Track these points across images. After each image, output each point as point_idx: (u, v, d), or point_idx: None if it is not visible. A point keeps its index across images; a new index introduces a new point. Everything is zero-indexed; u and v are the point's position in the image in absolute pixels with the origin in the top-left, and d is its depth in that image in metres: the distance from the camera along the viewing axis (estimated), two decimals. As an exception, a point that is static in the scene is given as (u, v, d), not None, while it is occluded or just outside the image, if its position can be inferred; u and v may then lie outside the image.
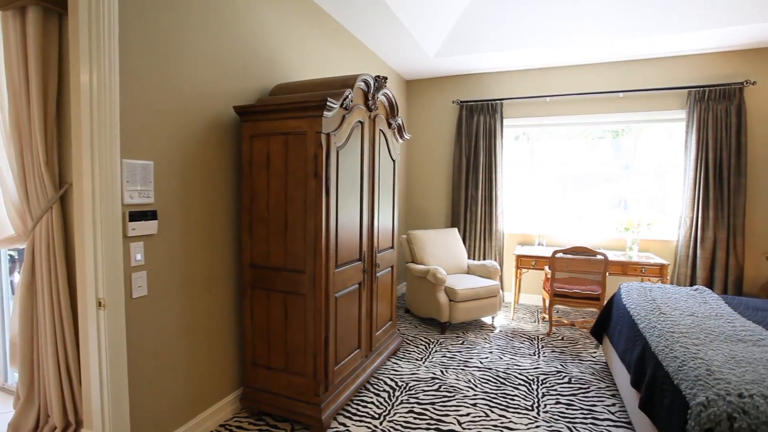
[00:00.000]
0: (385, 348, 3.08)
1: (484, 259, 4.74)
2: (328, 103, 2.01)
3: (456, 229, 4.50)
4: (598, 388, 2.78)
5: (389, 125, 2.96)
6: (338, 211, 2.28)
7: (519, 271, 4.18)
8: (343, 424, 2.34)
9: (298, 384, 2.26)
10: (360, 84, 2.41)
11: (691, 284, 4.08)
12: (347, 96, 2.18)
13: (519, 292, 4.53)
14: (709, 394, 1.46)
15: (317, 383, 2.22)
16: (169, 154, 1.96)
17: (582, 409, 2.52)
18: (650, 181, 4.45)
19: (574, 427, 2.33)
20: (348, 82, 2.29)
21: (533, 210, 4.86)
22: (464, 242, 4.78)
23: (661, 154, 4.40)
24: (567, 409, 2.52)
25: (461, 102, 4.79)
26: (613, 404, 2.57)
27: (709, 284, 4.02)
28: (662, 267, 3.75)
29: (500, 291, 3.99)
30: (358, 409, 2.50)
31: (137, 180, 1.80)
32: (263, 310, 2.33)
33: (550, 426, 2.34)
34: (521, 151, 4.89)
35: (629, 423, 2.36)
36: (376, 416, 2.43)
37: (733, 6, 3.37)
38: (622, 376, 2.47)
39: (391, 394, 2.68)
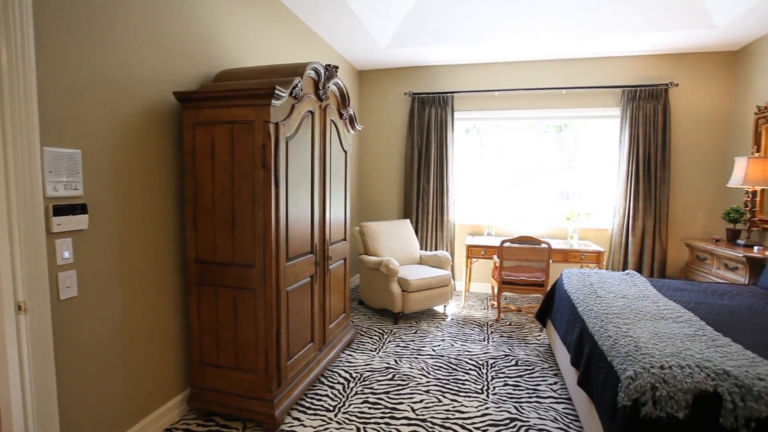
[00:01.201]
0: (339, 340, 3.07)
1: (436, 249, 4.85)
2: (276, 92, 1.95)
3: (408, 221, 4.56)
4: (542, 368, 2.94)
5: (341, 116, 2.92)
6: (288, 203, 2.23)
7: (469, 260, 4.32)
8: (298, 419, 2.31)
9: (249, 381, 2.20)
10: (310, 72, 2.35)
11: (624, 269, 4.41)
12: (296, 84, 2.12)
13: (470, 280, 4.67)
14: (636, 367, 1.59)
15: (269, 379, 2.17)
16: (100, 142, 1.81)
17: (527, 389, 2.66)
18: (589, 173, 4.74)
19: (521, 406, 2.45)
20: (297, 70, 2.23)
21: (483, 201, 5.02)
22: (416, 233, 4.85)
23: (599, 149, 4.69)
24: (514, 390, 2.65)
25: (413, 94, 4.83)
26: (555, 382, 2.73)
27: (639, 268, 4.36)
28: (599, 254, 4.02)
29: (452, 280, 4.10)
30: (312, 403, 2.48)
31: (62, 170, 1.64)
32: (211, 307, 2.23)
33: (499, 407, 2.45)
34: (472, 144, 5.03)
35: (569, 399, 2.53)
36: (331, 408, 2.42)
37: (657, 14, 3.64)
38: (563, 356, 2.63)
39: (346, 386, 2.68)
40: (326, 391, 2.62)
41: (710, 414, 1.44)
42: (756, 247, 3.39)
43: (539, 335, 3.57)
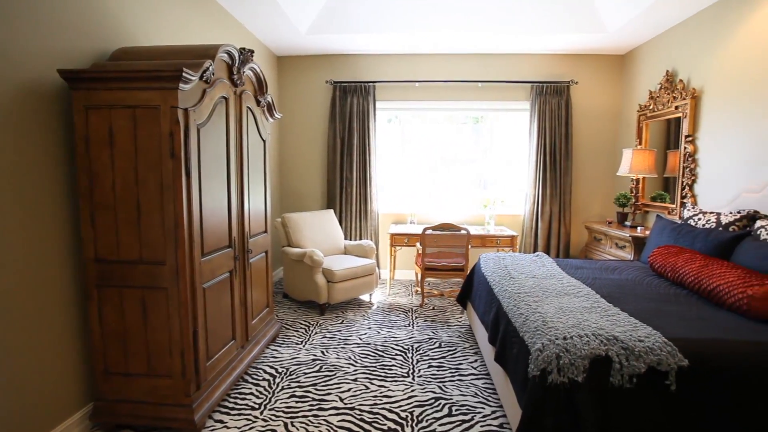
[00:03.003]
0: (263, 336, 2.97)
1: (361, 239, 4.88)
2: (184, 74, 1.79)
3: (332, 211, 4.52)
4: (464, 348, 3.11)
5: (258, 103, 2.78)
6: (202, 195, 2.08)
7: (393, 248, 4.41)
8: (220, 421, 2.20)
9: (164, 387, 2.04)
10: (223, 55, 2.20)
11: (534, 251, 4.82)
12: (208, 68, 1.97)
13: (394, 268, 4.78)
14: (543, 340, 1.74)
15: (187, 383, 2.03)
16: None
17: (450, 368, 2.80)
18: (504, 163, 5.07)
19: (444, 386, 2.58)
20: (209, 52, 2.07)
21: (406, 190, 5.14)
22: (340, 223, 4.83)
23: (511, 140, 5.03)
24: (438, 370, 2.77)
25: (335, 82, 4.76)
26: (476, 360, 2.91)
27: (547, 250, 4.79)
28: (512, 238, 4.33)
29: (376, 269, 4.16)
30: (236, 403, 2.37)
31: None
32: (115, 311, 2.02)
33: (424, 388, 2.55)
34: (394, 134, 5.11)
35: (488, 375, 2.71)
36: (256, 407, 2.34)
37: (559, 17, 3.97)
38: (481, 335, 2.80)
39: (272, 382, 2.61)
40: (251, 389, 2.53)
41: (603, 375, 1.63)
42: (639, 228, 3.89)
43: (461, 317, 3.77)
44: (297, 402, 2.39)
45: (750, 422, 1.62)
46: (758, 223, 2.55)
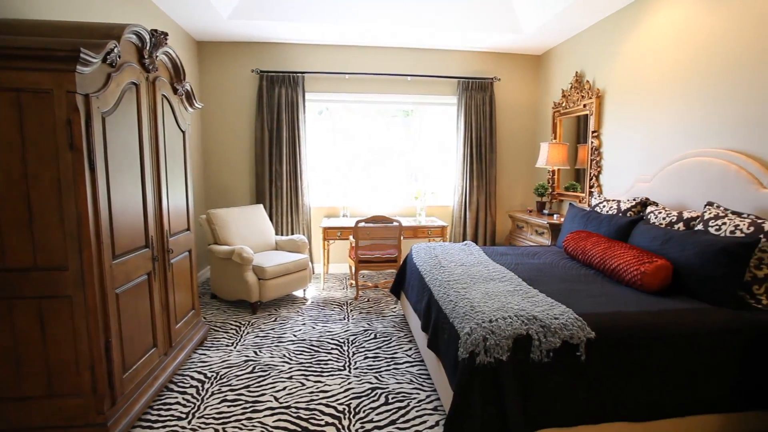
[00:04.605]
0: (189, 340, 2.79)
1: (292, 233, 4.76)
2: (83, 55, 1.60)
3: (261, 206, 4.35)
4: (398, 338, 3.17)
5: (175, 91, 2.58)
6: (111, 191, 1.89)
7: (326, 242, 4.36)
8: (140, 437, 2.03)
9: (72, 407, 1.84)
10: (130, 36, 2.00)
11: (463, 240, 5.03)
12: (112, 49, 1.78)
13: (328, 262, 4.74)
14: (471, 324, 1.83)
15: (100, 399, 1.85)
16: None
17: (386, 358, 2.84)
18: (434, 155, 5.22)
19: (380, 375, 2.61)
20: (113, 32, 1.86)
21: (338, 183, 5.09)
22: (271, 218, 4.67)
23: (440, 133, 5.18)
24: (374, 361, 2.80)
25: (261, 72, 4.56)
26: (410, 348, 2.98)
27: (475, 239, 5.03)
28: (443, 228, 4.48)
29: (310, 263, 4.09)
30: (160, 415, 2.20)
31: None
32: (4, 327, 1.77)
33: (360, 379, 2.56)
34: (325, 126, 5.02)
35: (422, 361, 2.79)
36: (183, 416, 2.20)
37: (482, 16, 4.15)
38: (415, 323, 2.88)
39: (200, 388, 2.46)
40: (176, 397, 2.37)
41: (524, 352, 1.75)
42: (555, 215, 4.23)
43: (395, 307, 3.84)
44: (229, 406, 2.29)
45: (647, 381, 1.84)
46: (649, 209, 2.89)
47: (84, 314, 1.78)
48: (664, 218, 2.70)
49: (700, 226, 2.42)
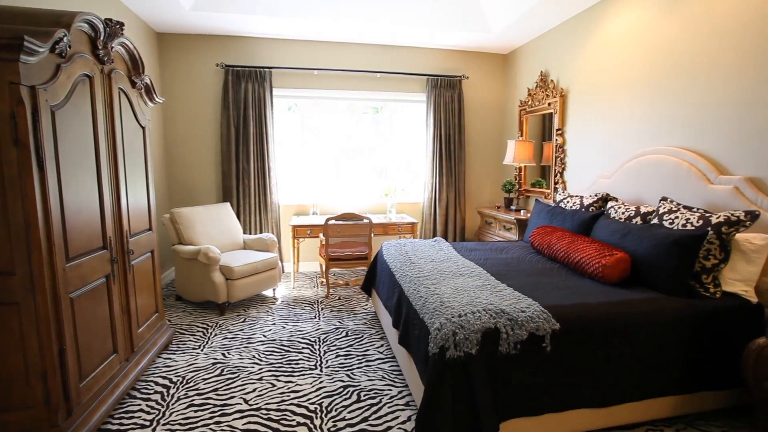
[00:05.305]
0: (153, 344, 2.69)
1: (261, 232, 4.66)
2: (27, 44, 1.49)
3: (228, 204, 4.24)
4: (370, 335, 3.17)
5: (133, 84, 2.46)
6: (63, 190, 1.78)
7: (296, 240, 4.30)
8: (100, 447, 1.94)
9: (22, 421, 1.73)
10: (81, 25, 1.89)
11: (433, 236, 5.09)
12: (62, 38, 1.67)
13: (298, 261, 4.68)
14: (441, 320, 1.85)
15: (54, 411, 1.75)
16: None
17: (357, 356, 2.83)
18: (404, 152, 5.23)
19: (352, 373, 2.60)
20: (62, 19, 1.75)
21: (307, 180, 5.03)
22: (239, 217, 4.56)
23: (410, 130, 5.20)
24: (345, 359, 2.78)
25: (227, 66, 4.43)
26: (382, 345, 2.99)
27: (445, 235, 5.09)
28: (413, 225, 4.51)
29: (279, 262, 4.02)
30: (122, 423, 2.11)
31: None
32: (-55, 335, 1.64)
33: (332, 378, 2.55)
34: (294, 123, 4.94)
35: (394, 357, 2.80)
36: (147, 423, 2.11)
37: (450, 15, 4.19)
38: (386, 320, 2.88)
39: (165, 394, 2.37)
40: (140, 404, 2.27)
41: (493, 345, 1.79)
42: (522, 211, 4.33)
43: (366, 305, 3.83)
44: (196, 411, 2.22)
45: (607, 368, 1.92)
46: (609, 204, 3.01)
47: (34, 321, 1.68)
48: (623, 213, 2.81)
49: (655, 220, 2.54)
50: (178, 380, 2.52)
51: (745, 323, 2.09)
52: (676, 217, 2.39)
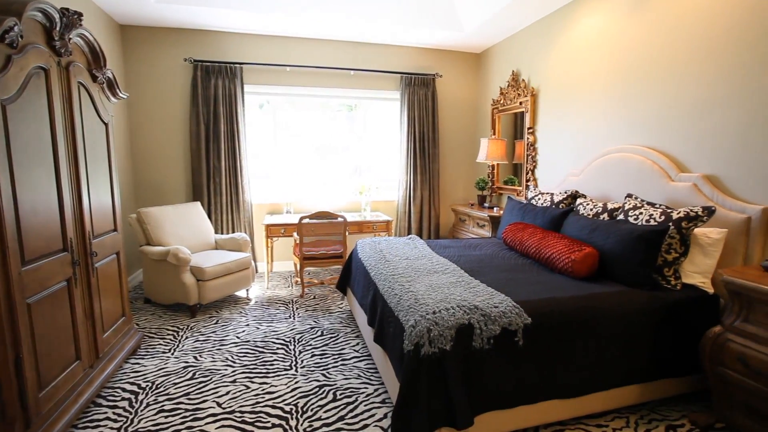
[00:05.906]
0: (120, 350, 2.59)
1: (233, 232, 4.56)
2: (-25, 34, 1.40)
3: (199, 203, 4.12)
4: (346, 333, 3.16)
5: (94, 78, 2.35)
6: (17, 189, 1.68)
7: (270, 240, 4.23)
8: (62, 458, 1.85)
9: (-26, 433, 1.63)
10: (34, 14, 1.78)
11: (408, 234, 5.11)
12: (12, 27, 1.57)
13: (272, 260, 4.60)
14: (416, 317, 1.86)
15: (10, 423, 1.65)
16: None
17: (333, 354, 2.81)
18: (378, 150, 5.22)
19: (328, 372, 2.58)
20: (11, 7, 1.65)
21: (280, 179, 4.95)
22: (210, 216, 4.44)
23: (384, 128, 5.20)
24: (321, 358, 2.76)
25: (195, 61, 4.30)
26: (357, 344, 2.98)
27: (419, 232, 5.12)
28: (388, 223, 4.51)
29: (252, 262, 3.95)
30: (84, 433, 2.02)
31: None
32: None
33: (307, 377, 2.52)
34: (267, 120, 4.85)
35: (369, 355, 2.80)
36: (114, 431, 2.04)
37: (424, 13, 4.20)
38: (362, 318, 2.87)
39: (134, 400, 2.29)
40: (106, 412, 2.19)
41: (467, 341, 1.81)
42: (495, 208, 4.41)
43: (341, 303, 3.81)
44: (167, 417, 2.15)
45: (577, 360, 1.98)
46: (578, 201, 3.10)
47: (-12, 328, 1.58)
48: (591, 209, 2.90)
49: (621, 216, 2.63)
50: (147, 386, 2.44)
51: (703, 313, 2.20)
52: (641, 213, 2.49)
